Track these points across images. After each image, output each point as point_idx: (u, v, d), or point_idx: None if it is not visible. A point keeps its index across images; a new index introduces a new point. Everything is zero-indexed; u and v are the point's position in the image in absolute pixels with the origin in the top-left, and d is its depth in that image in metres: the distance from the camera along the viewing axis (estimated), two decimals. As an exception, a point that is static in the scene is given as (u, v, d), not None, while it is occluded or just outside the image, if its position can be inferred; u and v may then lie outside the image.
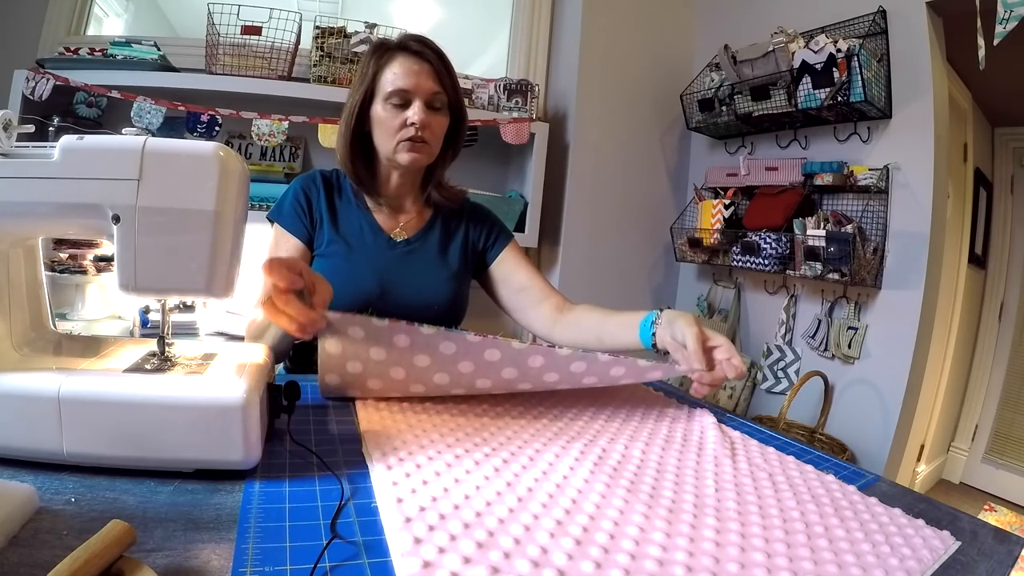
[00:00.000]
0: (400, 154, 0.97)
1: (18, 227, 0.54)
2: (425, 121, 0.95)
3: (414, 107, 0.95)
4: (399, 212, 1.07)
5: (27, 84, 1.55)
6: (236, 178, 0.54)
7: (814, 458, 0.67)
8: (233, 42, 1.74)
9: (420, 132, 0.95)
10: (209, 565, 0.37)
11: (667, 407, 0.81)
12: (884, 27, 1.69)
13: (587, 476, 0.54)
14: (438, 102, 0.98)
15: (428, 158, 1.00)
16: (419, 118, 0.94)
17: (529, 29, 2.28)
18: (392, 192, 1.05)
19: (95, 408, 0.47)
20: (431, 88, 0.96)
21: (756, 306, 2.14)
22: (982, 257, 2.74)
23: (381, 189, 1.05)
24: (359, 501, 0.48)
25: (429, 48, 0.98)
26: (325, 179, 1.06)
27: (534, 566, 0.39)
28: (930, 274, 1.63)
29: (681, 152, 2.42)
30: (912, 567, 0.44)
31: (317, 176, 1.07)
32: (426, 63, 0.97)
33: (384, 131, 0.98)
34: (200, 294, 0.55)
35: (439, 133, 1.00)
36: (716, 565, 0.42)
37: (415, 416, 0.68)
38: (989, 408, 2.79)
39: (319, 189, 1.04)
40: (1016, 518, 2.43)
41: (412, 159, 0.97)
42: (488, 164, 2.23)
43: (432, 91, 0.96)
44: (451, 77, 1.00)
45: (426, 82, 0.96)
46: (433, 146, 1.00)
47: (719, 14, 2.32)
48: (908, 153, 1.67)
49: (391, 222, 1.06)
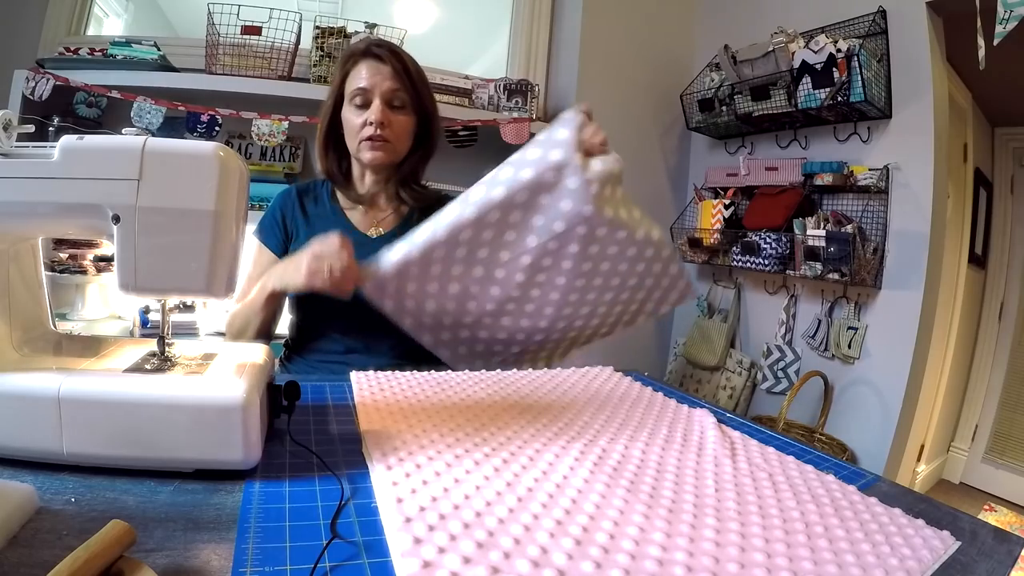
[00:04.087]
0: (362, 152, 1.02)
1: (18, 227, 0.54)
2: (384, 119, 1.00)
3: (373, 106, 1.00)
4: (375, 210, 1.10)
5: (27, 84, 1.55)
6: (236, 178, 0.54)
7: (814, 458, 0.67)
8: (233, 42, 1.74)
9: (379, 130, 1.00)
10: (209, 565, 0.37)
11: (667, 407, 0.81)
12: (884, 27, 1.69)
13: (587, 476, 0.54)
14: (397, 100, 1.02)
15: (390, 156, 1.04)
16: (376, 116, 0.99)
17: (529, 29, 2.28)
18: (366, 191, 1.10)
19: (95, 408, 0.47)
20: (389, 86, 1.01)
21: (756, 306, 2.14)
22: (982, 257, 2.74)
23: (356, 188, 1.10)
24: (359, 501, 0.48)
25: (390, 52, 1.03)
26: (300, 192, 1.12)
27: (534, 566, 0.39)
28: (930, 274, 1.63)
29: (681, 152, 2.42)
30: (912, 567, 0.44)
31: (292, 191, 1.13)
32: (386, 65, 1.01)
33: (349, 131, 1.04)
34: (200, 294, 0.55)
35: (400, 131, 1.04)
36: (716, 565, 0.42)
37: (415, 416, 0.68)
38: (989, 408, 2.79)
39: (293, 202, 1.10)
40: (1016, 518, 2.43)
41: (372, 157, 1.02)
42: (488, 164, 2.20)
43: (391, 89, 1.01)
44: (412, 78, 1.03)
45: (384, 81, 1.00)
46: (395, 144, 1.03)
47: (719, 14, 2.32)
48: (908, 153, 1.67)
49: (367, 220, 1.09)
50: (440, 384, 0.80)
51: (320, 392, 0.74)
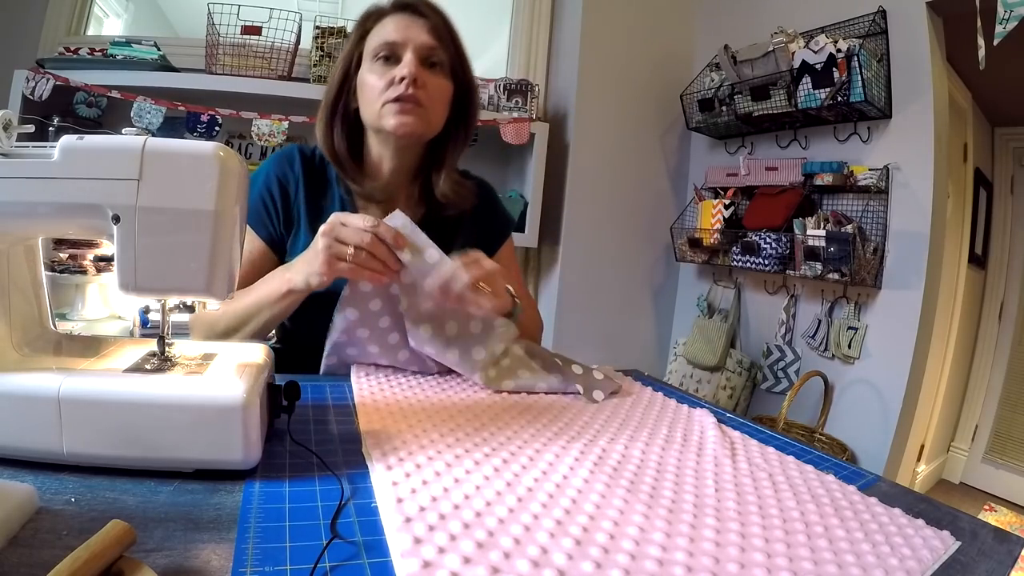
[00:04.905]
0: (386, 118, 0.80)
1: (18, 227, 0.54)
2: (419, 76, 0.78)
3: (405, 58, 0.79)
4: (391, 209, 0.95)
5: (27, 84, 1.55)
6: (236, 178, 0.54)
7: (814, 458, 0.67)
8: (233, 42, 1.74)
9: (411, 89, 0.78)
10: (209, 565, 0.37)
11: (667, 407, 0.81)
12: (884, 27, 1.69)
13: (587, 476, 0.54)
14: (436, 58, 0.81)
15: (423, 125, 0.82)
16: (410, 70, 0.77)
17: (529, 29, 2.28)
18: (384, 182, 0.88)
19: (95, 408, 0.47)
20: (426, 41, 0.80)
21: (756, 306, 2.14)
22: (982, 257, 2.74)
23: (371, 178, 0.88)
24: (359, 501, 0.48)
25: (428, 5, 0.82)
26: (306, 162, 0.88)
27: (534, 566, 0.39)
28: (930, 274, 1.63)
29: (681, 152, 2.42)
30: (912, 567, 0.44)
31: (296, 158, 0.88)
32: (420, 18, 0.81)
33: (368, 95, 0.81)
34: (200, 294, 0.55)
35: (437, 95, 0.82)
36: (716, 565, 0.42)
37: (415, 416, 0.68)
38: (989, 408, 2.79)
39: (297, 179, 0.86)
40: (1016, 518, 2.43)
41: (400, 123, 0.79)
42: (488, 164, 2.24)
43: (428, 44, 0.80)
44: (454, 38, 0.84)
45: (420, 35, 0.80)
46: (429, 111, 0.81)
47: (719, 14, 2.32)
48: (908, 153, 1.67)
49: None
50: (440, 384, 0.80)
51: (320, 392, 0.74)
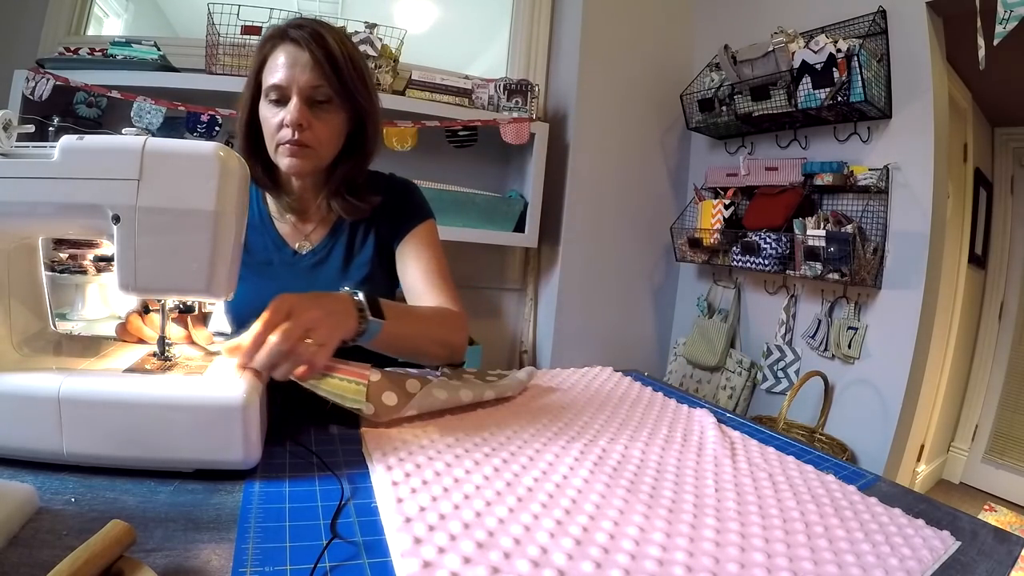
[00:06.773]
0: (280, 159, 0.86)
1: (18, 227, 0.54)
2: (302, 120, 0.82)
3: (291, 104, 0.83)
4: (305, 220, 0.97)
5: (27, 84, 1.55)
6: (236, 178, 0.54)
7: (814, 458, 0.67)
8: (233, 42, 1.74)
9: (297, 134, 0.83)
10: (209, 565, 0.37)
11: (667, 407, 0.81)
12: (884, 27, 1.69)
13: (587, 476, 0.54)
14: (321, 95, 0.84)
15: (311, 163, 0.87)
16: (293, 116, 0.82)
17: (529, 29, 2.28)
18: (295, 197, 0.95)
19: (95, 408, 0.47)
20: (309, 81, 0.82)
21: (756, 306, 2.14)
22: (982, 257, 2.74)
23: (285, 193, 0.94)
24: (359, 501, 0.48)
25: (312, 35, 0.83)
26: None
27: (534, 566, 0.39)
28: (930, 274, 1.63)
29: (681, 152, 2.42)
30: (912, 567, 0.44)
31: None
32: (305, 51, 0.82)
33: (266, 130, 0.87)
34: (200, 294, 0.55)
35: (324, 134, 0.86)
36: (716, 565, 0.42)
37: (415, 416, 0.68)
38: (989, 408, 2.79)
39: None
40: (1016, 518, 2.43)
41: (290, 164, 0.85)
42: (488, 164, 2.23)
43: (311, 84, 0.83)
44: (338, 67, 0.84)
45: (303, 74, 0.82)
46: (318, 149, 0.86)
47: (719, 14, 2.32)
48: (908, 153, 1.67)
49: (296, 233, 0.96)
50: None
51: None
